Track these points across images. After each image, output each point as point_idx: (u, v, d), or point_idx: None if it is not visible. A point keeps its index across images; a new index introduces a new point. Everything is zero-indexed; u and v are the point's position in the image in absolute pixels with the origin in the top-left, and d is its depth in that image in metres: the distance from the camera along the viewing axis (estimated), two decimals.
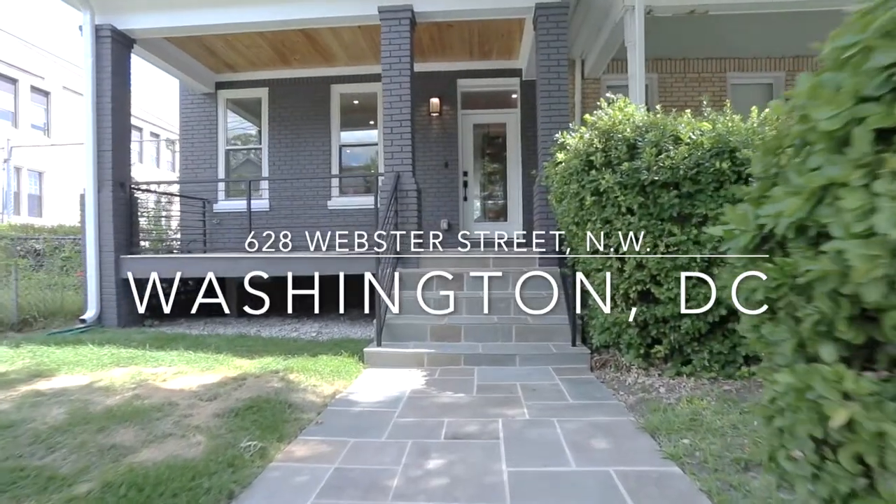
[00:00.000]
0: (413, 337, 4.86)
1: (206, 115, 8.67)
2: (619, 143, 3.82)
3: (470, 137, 8.54)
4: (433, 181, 8.29)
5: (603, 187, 3.77)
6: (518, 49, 7.86)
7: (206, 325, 6.73)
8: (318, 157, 8.51)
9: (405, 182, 5.70)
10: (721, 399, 3.19)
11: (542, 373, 4.18)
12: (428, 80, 8.29)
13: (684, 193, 3.53)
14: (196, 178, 8.50)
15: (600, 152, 3.89)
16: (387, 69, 5.75)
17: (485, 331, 4.82)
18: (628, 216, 3.70)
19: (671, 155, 3.54)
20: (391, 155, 5.74)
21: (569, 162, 4.18)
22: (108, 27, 6.03)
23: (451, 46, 7.69)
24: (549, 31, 5.63)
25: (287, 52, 7.80)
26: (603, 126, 3.98)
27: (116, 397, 3.14)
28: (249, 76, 8.56)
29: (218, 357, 4.47)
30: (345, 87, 8.51)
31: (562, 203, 4.43)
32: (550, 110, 5.55)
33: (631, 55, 5.56)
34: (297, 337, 5.81)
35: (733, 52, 7.88)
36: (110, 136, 6.06)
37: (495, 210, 8.66)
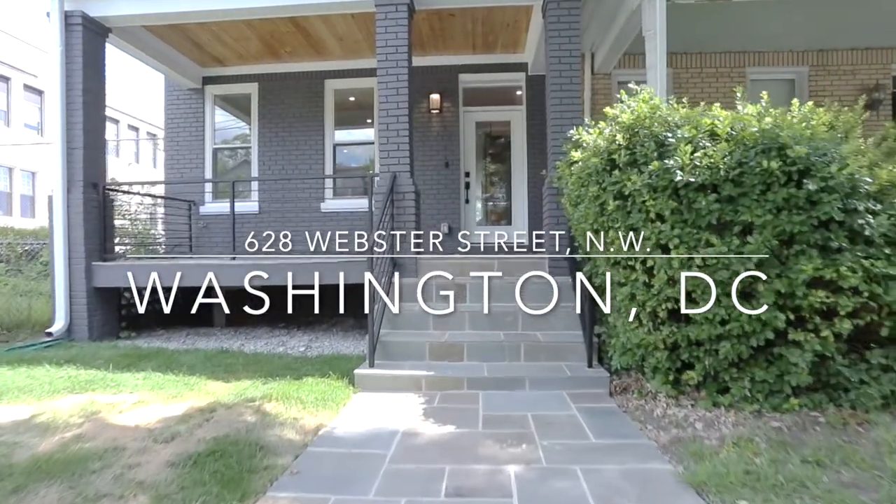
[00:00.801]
0: (410, 355, 4.36)
1: (192, 112, 8.18)
2: (647, 140, 3.32)
3: (472, 136, 8.05)
4: (433, 182, 7.80)
5: (628, 190, 3.27)
6: (524, 41, 7.37)
7: (187, 337, 6.23)
8: (311, 157, 8.01)
9: (402, 183, 5.20)
10: (773, 442, 2.69)
11: (555, 400, 3.68)
12: (428, 75, 7.80)
13: (724, 197, 3.03)
14: (178, 179, 8.01)
15: (624, 150, 3.39)
16: (382, 61, 5.25)
17: (490, 349, 4.32)
18: (658, 223, 3.20)
19: (709, 153, 3.03)
20: (387, 154, 5.25)
21: (587, 161, 3.68)
22: (78, 14, 5.53)
23: (452, 38, 7.20)
24: (560, 19, 5.14)
25: (277, 45, 7.31)
26: (626, 121, 3.48)
27: (54, 438, 2.63)
28: (238, 70, 8.07)
29: (189, 380, 3.97)
30: (339, 82, 8.02)
31: (578, 207, 3.93)
32: (562, 105, 5.06)
33: (650, 45, 5.07)
34: (283, 353, 5.31)
35: (753, 45, 7.39)
36: (81, 133, 5.56)
37: (498, 213, 8.16)
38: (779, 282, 2.95)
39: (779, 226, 2.93)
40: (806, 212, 2.91)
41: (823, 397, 3.08)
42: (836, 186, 2.86)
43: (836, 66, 7.45)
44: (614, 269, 3.60)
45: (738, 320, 3.03)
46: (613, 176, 3.40)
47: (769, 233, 2.93)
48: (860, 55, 7.43)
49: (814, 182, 2.87)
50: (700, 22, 6.43)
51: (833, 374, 3.05)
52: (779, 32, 7.01)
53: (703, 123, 3.22)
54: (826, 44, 7.36)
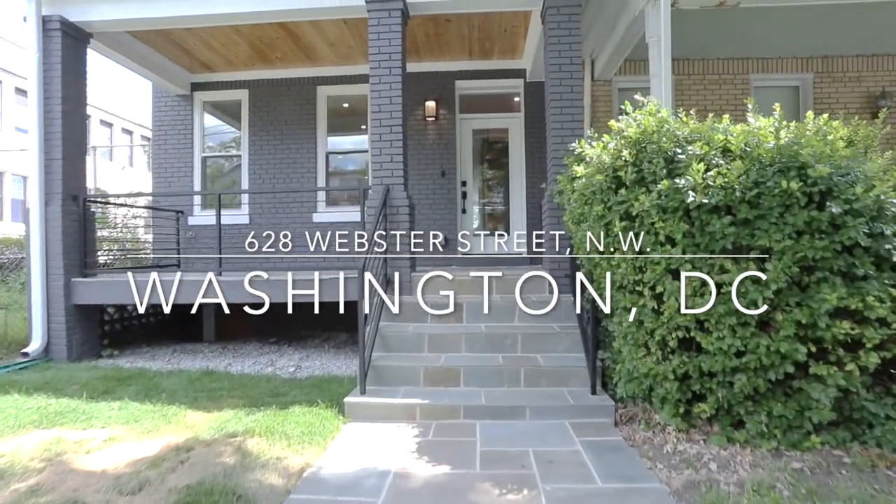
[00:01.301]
0: (403, 380, 4.12)
1: (180, 119, 7.94)
2: (655, 157, 3.10)
3: (469, 144, 7.84)
4: (428, 191, 7.57)
5: (636, 211, 3.05)
6: (522, 47, 7.16)
7: (173, 355, 5.97)
8: (304, 165, 7.78)
9: (396, 196, 4.98)
10: (798, 489, 2.47)
11: (557, 431, 3.45)
12: (423, 82, 7.59)
13: (740, 220, 2.82)
14: (163, 191, 7.77)
15: (631, 167, 3.17)
16: (375, 68, 5.03)
17: (488, 374, 4.08)
18: (668, 247, 2.98)
19: (722, 171, 2.82)
20: (380, 166, 5.02)
21: (590, 178, 3.47)
22: (57, 18, 5.29)
23: (448, 44, 6.99)
24: (560, 25, 4.93)
25: (267, 51, 7.09)
26: (633, 135, 3.27)
27: (5, 492, 2.38)
28: (228, 77, 7.83)
29: (168, 411, 3.72)
30: (332, 88, 7.79)
31: (581, 226, 3.71)
32: (562, 115, 4.85)
33: (653, 53, 4.87)
34: (271, 374, 5.06)
35: (757, 51, 7.20)
36: (60, 143, 5.32)
37: (496, 222, 7.94)
38: (799, 311, 2.74)
39: (799, 251, 2.71)
40: (828, 236, 2.70)
41: (846, 434, 2.87)
42: (862, 209, 2.66)
43: (842, 73, 7.28)
44: (620, 292, 3.39)
45: (755, 352, 2.82)
46: (620, 195, 3.18)
47: (789, 259, 2.72)
48: (866, 62, 7.26)
49: (837, 204, 2.66)
50: (703, 27, 6.24)
51: (857, 409, 2.84)
52: (783, 38, 6.84)
53: (715, 139, 3.00)
54: (831, 50, 7.18)
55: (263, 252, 7.54)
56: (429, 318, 4.71)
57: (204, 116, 8.07)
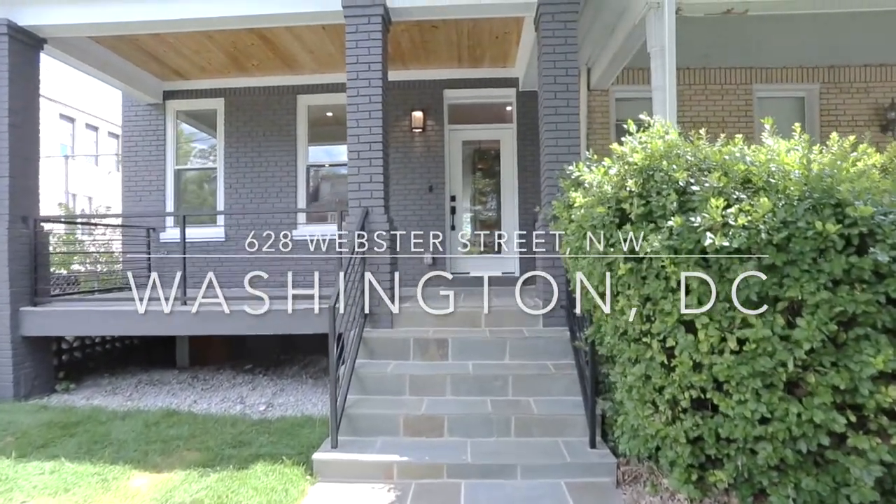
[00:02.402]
0: (381, 430, 3.68)
1: (152, 129, 7.47)
2: (666, 188, 2.69)
3: (459, 156, 7.42)
4: (416, 207, 7.15)
5: (644, 251, 2.63)
6: (514, 55, 6.76)
7: (136, 388, 5.50)
8: (283, 179, 7.33)
9: (375, 220, 4.54)
10: None
11: (552, 495, 3.05)
12: (409, 91, 7.18)
13: (766, 266, 2.41)
14: (125, 212, 7.30)
15: (637, 198, 2.76)
16: (353, 79, 4.60)
17: (475, 423, 3.66)
18: (681, 295, 2.57)
19: (744, 208, 2.41)
20: (358, 186, 4.59)
21: (590, 209, 3.05)
22: (3, 22, 4.82)
23: (435, 51, 6.57)
24: (555, 33, 4.53)
25: (242, 58, 6.64)
26: (639, 161, 2.86)
27: None
28: (202, 84, 7.37)
29: (111, 472, 3.26)
30: (313, 97, 7.35)
31: (578, 261, 3.29)
32: (557, 131, 4.44)
33: (656, 64, 4.48)
34: (239, 414, 4.60)
35: (761, 60, 6.85)
36: (7, 160, 4.85)
37: (488, 241, 7.51)
38: (836, 374, 2.33)
39: (836, 304, 2.30)
40: (871, 287, 2.29)
41: None
42: None
43: (849, 84, 6.94)
44: (623, 340, 2.97)
45: (783, 420, 2.40)
46: (624, 231, 2.77)
47: (824, 313, 2.31)
48: (874, 72, 6.93)
49: (882, 249, 2.25)
50: (705, 35, 5.87)
51: None
52: (789, 47, 6.49)
53: (735, 169, 2.60)
54: (838, 60, 6.85)
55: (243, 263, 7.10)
56: (411, 354, 4.27)
57: (177, 126, 7.60)
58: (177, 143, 7.58)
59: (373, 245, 4.52)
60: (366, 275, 4.48)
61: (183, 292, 4.98)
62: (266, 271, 7.15)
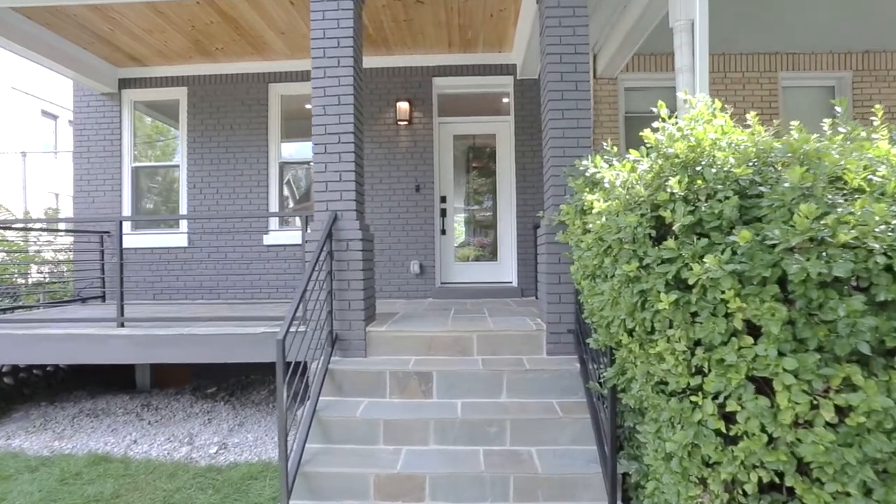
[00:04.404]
0: (346, 492, 2.93)
1: (107, 122, 6.67)
2: (723, 187, 1.95)
3: (449, 153, 6.66)
4: (401, 210, 6.39)
5: (695, 277, 1.88)
6: (512, 37, 6.01)
7: (73, 421, 4.72)
8: (253, 178, 6.55)
9: (345, 227, 3.78)
10: None
11: None
12: (394, 79, 6.42)
13: (877, 302, 1.66)
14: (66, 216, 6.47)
15: (681, 203, 2.01)
16: (318, 56, 3.83)
17: (464, 484, 2.90)
18: (750, 339, 1.82)
19: (845, 218, 1.67)
20: (325, 186, 3.82)
21: (614, 216, 2.30)
22: None
23: (422, 32, 5.81)
24: (561, 2, 3.77)
25: (204, 40, 5.86)
26: (682, 152, 2.12)
27: None
28: (163, 72, 6.58)
29: None
30: (287, 86, 6.58)
31: (597, 282, 2.55)
32: (564, 119, 3.69)
33: (681, 40, 3.73)
34: (185, 459, 3.84)
35: (787, 45, 6.13)
36: None
37: (482, 247, 6.76)
38: None
39: None
40: None
41: None
42: None
43: (885, 71, 6.22)
44: (660, 394, 2.22)
45: None
46: (665, 248, 2.02)
47: None
48: None
49: None
50: (726, 17, 5.15)
51: None
52: (816, 31, 5.77)
53: (826, 162, 1.86)
54: (874, 44, 6.12)
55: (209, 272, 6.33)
56: (387, 391, 3.52)
57: (135, 119, 6.80)
58: (134, 137, 6.78)
59: (343, 256, 3.75)
60: (333, 292, 3.72)
61: (120, 312, 4.20)
62: (233, 282, 6.45)
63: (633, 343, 2.29)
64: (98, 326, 4.21)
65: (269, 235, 6.42)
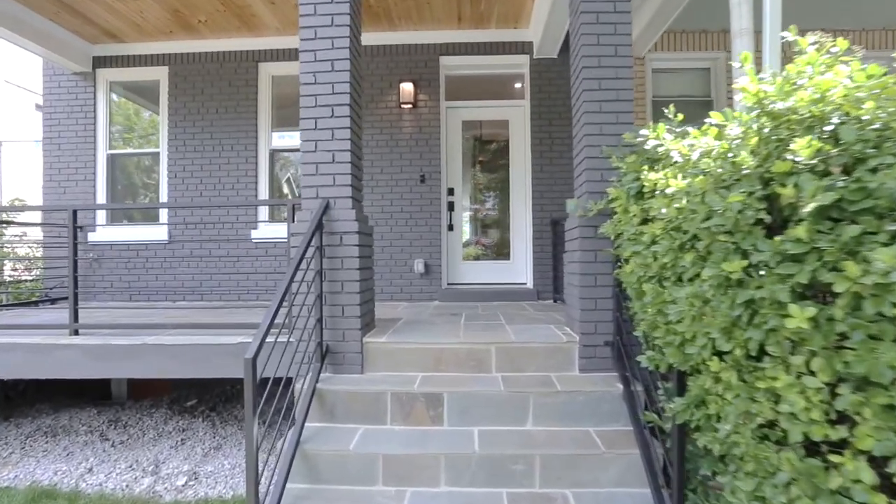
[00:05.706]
0: None
1: (79, 105, 6.07)
2: (876, 151, 1.33)
3: (458, 140, 6.04)
4: (404, 202, 5.77)
5: (847, 283, 1.26)
6: (529, 12, 5.39)
7: (27, 442, 4.12)
8: (240, 167, 5.94)
9: (339, 217, 3.16)
10: None
11: None
12: (398, 58, 5.81)
13: None
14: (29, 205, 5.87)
15: (808, 175, 1.39)
16: (308, 15, 3.22)
17: None
18: None
19: None
20: (315, 168, 3.21)
21: (697, 197, 1.68)
22: None
23: (429, 6, 5.20)
24: None
25: (185, 10, 5.24)
26: (805, 104, 1.51)
27: None
28: (141, 49, 5.97)
29: None
30: (278, 66, 5.96)
31: (667, 286, 1.93)
32: (601, 113, 3.06)
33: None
34: (146, 493, 3.23)
35: (856, 20, 5.52)
36: None
37: (493, 243, 6.14)
38: None
39: None
40: None
41: None
42: None
43: None
44: (763, 439, 1.61)
45: None
46: (789, 239, 1.40)
47: None
48: None
49: None
50: None
51: None
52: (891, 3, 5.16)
53: None
54: None
55: (191, 270, 5.73)
56: (388, 416, 2.90)
57: (111, 101, 6.19)
58: (110, 122, 6.17)
59: (336, 252, 3.14)
60: (324, 295, 3.10)
61: (73, 317, 3.59)
62: (218, 282, 5.84)
63: (727, 371, 1.67)
64: (47, 334, 3.60)
65: (259, 230, 5.81)
